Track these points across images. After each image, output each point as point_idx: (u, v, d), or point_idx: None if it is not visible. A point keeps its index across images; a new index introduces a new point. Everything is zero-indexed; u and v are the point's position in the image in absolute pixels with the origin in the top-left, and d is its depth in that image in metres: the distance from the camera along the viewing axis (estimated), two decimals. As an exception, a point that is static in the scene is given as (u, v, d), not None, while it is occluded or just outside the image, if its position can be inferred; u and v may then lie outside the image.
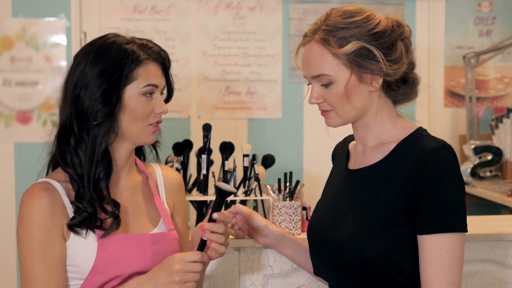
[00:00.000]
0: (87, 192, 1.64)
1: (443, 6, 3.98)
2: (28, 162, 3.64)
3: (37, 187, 1.65)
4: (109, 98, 1.64)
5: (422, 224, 1.55)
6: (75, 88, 1.66)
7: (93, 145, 1.65)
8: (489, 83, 4.08)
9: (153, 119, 1.70)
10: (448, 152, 1.56)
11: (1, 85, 3.66)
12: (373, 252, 1.57)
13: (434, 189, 1.54)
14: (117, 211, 1.67)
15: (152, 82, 1.68)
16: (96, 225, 1.63)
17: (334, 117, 1.65)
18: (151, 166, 1.85)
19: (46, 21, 3.67)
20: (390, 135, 1.66)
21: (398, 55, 1.62)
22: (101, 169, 1.66)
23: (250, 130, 3.86)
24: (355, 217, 1.62)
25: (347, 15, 1.62)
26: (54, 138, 1.71)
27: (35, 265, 1.59)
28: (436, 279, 1.53)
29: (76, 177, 1.65)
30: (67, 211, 1.64)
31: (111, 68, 1.64)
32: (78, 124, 1.65)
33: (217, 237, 1.64)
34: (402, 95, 1.67)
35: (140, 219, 1.74)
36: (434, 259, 1.53)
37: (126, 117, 1.67)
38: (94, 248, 1.63)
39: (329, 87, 1.62)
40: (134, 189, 1.77)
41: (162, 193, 1.82)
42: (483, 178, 3.88)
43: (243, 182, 2.30)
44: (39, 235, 1.60)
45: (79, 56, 1.69)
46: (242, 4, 3.84)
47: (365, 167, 1.67)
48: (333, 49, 1.59)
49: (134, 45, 1.68)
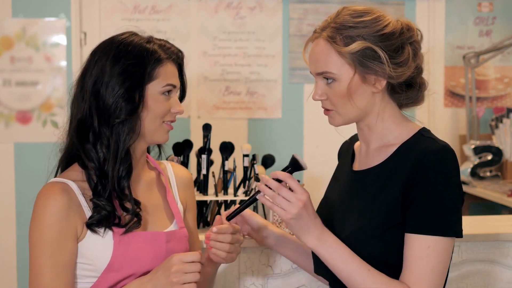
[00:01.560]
0: (108, 190, 1.64)
1: (443, 6, 3.98)
2: (28, 162, 3.64)
3: (53, 188, 1.63)
4: (132, 96, 1.64)
5: (412, 223, 1.54)
6: (95, 84, 1.65)
7: (116, 143, 1.65)
8: (489, 83, 4.08)
9: (169, 117, 1.71)
10: (449, 155, 1.55)
11: (1, 85, 3.66)
12: (372, 252, 1.57)
13: (429, 190, 1.53)
14: (138, 209, 1.67)
15: (171, 82, 1.69)
16: (115, 223, 1.64)
17: (335, 116, 1.65)
18: (162, 163, 1.87)
19: (46, 21, 3.67)
20: (393, 137, 1.66)
21: (405, 59, 1.60)
22: (123, 167, 1.66)
23: (250, 130, 3.87)
24: (356, 217, 1.62)
25: (357, 15, 1.61)
26: (68, 134, 1.70)
27: (44, 266, 1.59)
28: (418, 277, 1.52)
29: (97, 172, 1.65)
30: (83, 211, 1.64)
31: (134, 66, 1.65)
32: (98, 120, 1.65)
33: (221, 246, 1.67)
34: (407, 98, 1.66)
35: (157, 216, 1.75)
36: (418, 258, 1.53)
37: (146, 115, 1.67)
38: (110, 245, 1.63)
39: (332, 85, 1.62)
40: (149, 186, 1.77)
41: (175, 190, 1.83)
42: (483, 178, 3.88)
43: (243, 182, 2.31)
44: (51, 237, 1.59)
45: (98, 52, 1.69)
46: (242, 4, 3.84)
47: (367, 168, 1.67)
48: (338, 47, 1.59)
49: (155, 44, 1.70)
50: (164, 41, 1.73)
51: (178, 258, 1.57)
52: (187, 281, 1.56)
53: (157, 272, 1.59)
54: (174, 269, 1.56)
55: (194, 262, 1.57)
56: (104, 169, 1.65)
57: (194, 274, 1.57)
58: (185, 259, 1.57)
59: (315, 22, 3.88)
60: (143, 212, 1.69)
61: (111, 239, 1.63)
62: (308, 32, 3.87)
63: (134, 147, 1.70)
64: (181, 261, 1.57)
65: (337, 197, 1.74)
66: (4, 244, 3.66)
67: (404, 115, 1.70)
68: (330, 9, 3.87)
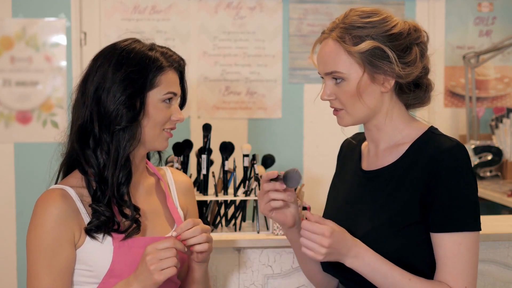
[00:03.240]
0: (108, 196, 1.64)
1: (443, 6, 3.98)
2: (28, 162, 3.64)
3: (51, 194, 1.64)
4: (133, 103, 1.65)
5: (439, 222, 1.57)
6: (96, 90, 1.66)
7: (117, 149, 1.65)
8: (489, 83, 4.08)
9: (169, 125, 1.72)
10: (463, 152, 1.58)
11: (1, 85, 3.66)
12: (388, 251, 1.58)
13: (450, 188, 1.55)
14: (137, 215, 1.68)
15: (172, 90, 1.70)
16: (113, 228, 1.64)
17: (345, 116, 1.66)
18: (162, 169, 1.87)
19: (46, 21, 3.67)
20: (402, 136, 1.67)
21: (412, 59, 1.63)
22: (123, 174, 1.66)
23: (250, 130, 3.86)
24: (371, 216, 1.63)
25: (365, 15, 1.63)
26: (69, 139, 1.71)
27: (41, 272, 1.60)
28: (456, 274, 1.55)
29: (97, 178, 1.65)
30: (82, 217, 1.64)
31: (135, 73, 1.66)
32: (99, 126, 1.66)
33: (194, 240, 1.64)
34: (414, 99, 1.68)
35: (156, 222, 1.75)
36: (452, 256, 1.56)
37: (147, 123, 1.68)
38: (110, 251, 1.63)
39: (341, 85, 1.63)
40: (149, 192, 1.78)
41: (175, 196, 1.84)
42: (483, 178, 3.88)
43: (243, 182, 2.31)
44: (48, 243, 1.60)
45: (100, 58, 1.69)
46: (242, 4, 3.84)
47: (380, 168, 1.68)
48: (347, 47, 1.61)
49: (157, 52, 1.70)
50: (166, 48, 1.74)
51: (152, 246, 1.57)
52: (164, 266, 1.55)
53: (139, 266, 1.59)
54: (149, 258, 1.56)
55: (168, 248, 1.57)
56: (104, 175, 1.65)
57: (170, 259, 1.56)
58: (159, 246, 1.57)
59: (315, 22, 3.88)
60: (142, 218, 1.70)
61: (111, 245, 1.63)
62: (308, 32, 3.87)
63: (134, 153, 1.71)
64: (155, 248, 1.57)
65: (346, 197, 1.74)
66: (4, 244, 3.66)
67: (411, 115, 1.71)
68: (330, 9, 3.87)
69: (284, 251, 2.12)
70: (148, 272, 1.55)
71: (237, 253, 2.12)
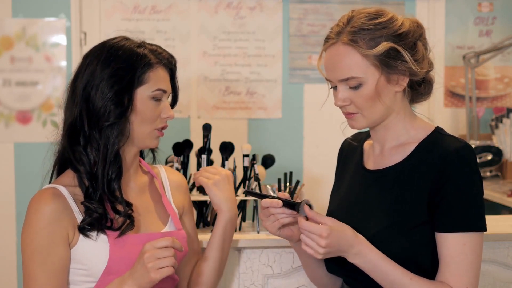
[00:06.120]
0: (99, 192, 1.65)
1: (443, 6, 3.98)
2: (28, 162, 3.64)
3: (44, 194, 1.65)
4: (121, 99, 1.66)
5: (445, 222, 1.57)
6: (85, 87, 1.67)
7: (105, 145, 1.66)
8: (489, 83, 4.08)
9: (160, 123, 1.73)
10: (470, 152, 1.59)
11: (1, 85, 3.66)
12: (397, 251, 1.58)
13: (457, 188, 1.56)
14: (130, 210, 1.68)
15: (161, 87, 1.70)
16: (107, 225, 1.64)
17: (360, 119, 1.64)
18: (156, 168, 1.88)
19: (46, 21, 3.67)
20: (409, 136, 1.67)
21: (421, 55, 1.63)
22: (113, 170, 1.67)
23: (250, 130, 3.86)
24: (380, 217, 1.63)
25: (372, 17, 1.61)
26: (61, 137, 1.72)
27: (36, 271, 1.61)
28: (458, 275, 1.55)
29: (88, 176, 1.66)
30: (75, 216, 1.65)
31: (123, 69, 1.66)
32: (88, 123, 1.67)
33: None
34: (420, 94, 1.69)
35: (150, 218, 1.75)
36: (456, 255, 1.55)
37: (135, 119, 1.68)
38: (106, 249, 1.63)
39: (358, 89, 1.61)
40: (142, 190, 1.78)
41: (169, 194, 1.84)
42: (483, 178, 3.88)
43: (243, 182, 2.30)
44: (42, 243, 1.61)
45: (90, 56, 1.70)
46: (242, 4, 3.84)
47: (386, 167, 1.67)
48: (363, 50, 1.58)
49: (146, 49, 1.71)
50: (156, 46, 1.74)
51: (150, 244, 1.57)
52: (161, 265, 1.55)
53: (136, 264, 1.59)
54: (147, 255, 1.56)
55: (167, 247, 1.57)
56: (94, 172, 1.66)
57: (168, 258, 1.56)
58: (157, 245, 1.57)
59: (315, 22, 3.88)
60: (135, 214, 1.70)
61: (106, 243, 1.63)
62: (308, 32, 3.87)
63: (124, 150, 1.71)
64: (153, 246, 1.57)
65: (350, 196, 1.73)
66: (4, 244, 3.66)
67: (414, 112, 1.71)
68: (330, 9, 3.87)
69: (284, 251, 2.12)
70: (145, 270, 1.55)
71: (237, 253, 2.12)
